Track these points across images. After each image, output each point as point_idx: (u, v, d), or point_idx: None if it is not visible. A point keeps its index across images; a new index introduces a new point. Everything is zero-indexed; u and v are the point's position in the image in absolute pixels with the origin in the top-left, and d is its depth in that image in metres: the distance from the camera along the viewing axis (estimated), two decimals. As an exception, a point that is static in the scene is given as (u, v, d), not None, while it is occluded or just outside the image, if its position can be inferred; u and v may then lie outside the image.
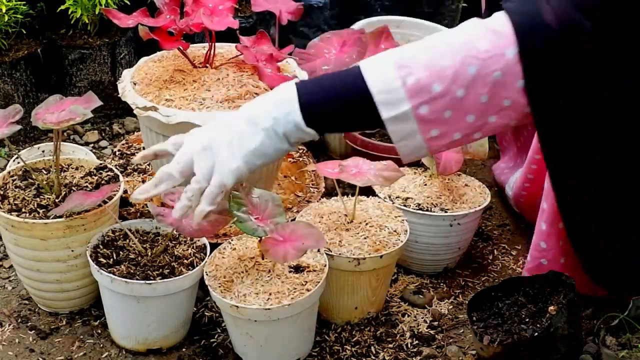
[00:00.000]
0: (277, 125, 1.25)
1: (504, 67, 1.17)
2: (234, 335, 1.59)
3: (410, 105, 1.20)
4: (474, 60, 1.18)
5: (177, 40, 1.77)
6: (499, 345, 1.49)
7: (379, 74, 1.22)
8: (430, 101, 1.20)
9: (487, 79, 1.18)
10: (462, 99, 1.19)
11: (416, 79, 1.19)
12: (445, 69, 1.18)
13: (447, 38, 1.23)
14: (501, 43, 1.17)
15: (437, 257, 1.83)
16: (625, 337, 1.42)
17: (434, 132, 1.23)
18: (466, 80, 1.18)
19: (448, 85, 1.19)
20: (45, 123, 1.56)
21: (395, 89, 1.20)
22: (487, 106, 1.20)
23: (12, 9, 2.23)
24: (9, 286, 1.81)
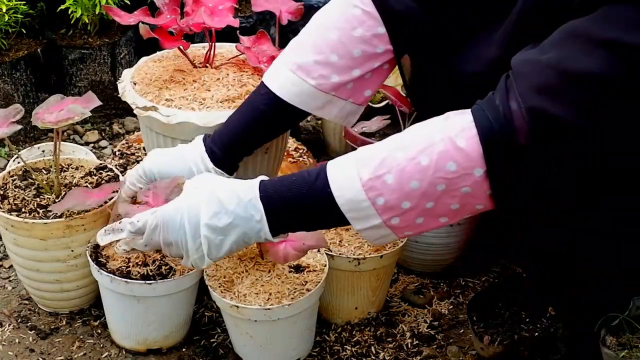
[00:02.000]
0: (247, 238, 1.30)
1: (472, 184, 1.18)
2: (234, 336, 1.59)
3: (381, 219, 1.23)
4: (442, 180, 1.19)
5: (177, 40, 1.77)
6: (499, 345, 1.49)
7: (348, 195, 1.23)
8: (400, 215, 1.23)
9: (455, 193, 1.20)
10: (433, 209, 1.22)
11: (385, 200, 1.22)
12: (413, 190, 1.20)
13: (414, 156, 1.21)
14: (469, 165, 1.17)
15: (437, 257, 1.83)
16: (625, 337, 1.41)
17: (407, 232, 1.27)
18: (435, 195, 1.20)
19: (417, 202, 1.21)
20: (44, 122, 1.56)
21: (366, 208, 1.23)
22: (459, 211, 1.23)
23: (12, 9, 2.23)
24: (9, 286, 1.81)
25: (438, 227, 1.27)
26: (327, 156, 2.17)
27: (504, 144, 1.14)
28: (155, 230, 1.32)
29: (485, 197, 1.19)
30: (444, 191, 1.19)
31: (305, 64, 1.45)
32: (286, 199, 1.28)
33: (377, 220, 1.23)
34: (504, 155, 1.15)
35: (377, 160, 1.23)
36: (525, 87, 1.12)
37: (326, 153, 2.21)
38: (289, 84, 1.47)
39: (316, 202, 1.26)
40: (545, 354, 1.48)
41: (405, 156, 1.21)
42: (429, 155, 1.19)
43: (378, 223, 1.23)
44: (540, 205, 1.20)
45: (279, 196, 1.28)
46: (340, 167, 1.26)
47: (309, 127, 2.40)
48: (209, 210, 1.29)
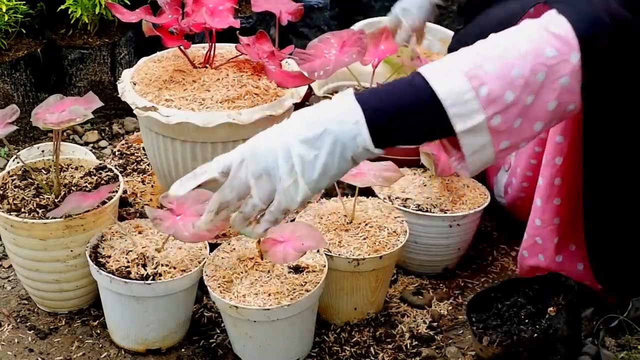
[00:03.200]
0: (344, 149, 1.19)
1: (570, 72, 1.20)
2: (233, 336, 1.59)
3: (485, 115, 1.19)
4: (542, 67, 1.19)
5: (179, 39, 1.77)
6: (498, 346, 1.49)
7: (450, 85, 1.19)
8: (503, 110, 1.20)
9: (554, 85, 1.20)
10: (531, 106, 1.21)
11: (490, 89, 1.19)
12: (516, 78, 1.19)
13: (513, 45, 1.21)
14: (566, 49, 1.19)
15: (436, 257, 1.83)
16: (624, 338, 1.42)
17: (504, 144, 1.23)
18: (536, 87, 1.20)
19: (520, 93, 1.20)
20: (46, 123, 1.56)
21: (470, 100, 1.18)
22: (555, 112, 1.22)
23: (12, 9, 2.23)
24: (8, 286, 1.81)
25: (528, 140, 1.24)
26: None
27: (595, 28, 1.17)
28: (242, 165, 1.20)
29: (578, 92, 1.20)
30: (544, 82, 1.20)
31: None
32: (383, 98, 1.19)
33: (481, 117, 1.19)
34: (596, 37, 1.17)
35: (473, 54, 1.21)
36: None
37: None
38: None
39: (416, 100, 1.19)
40: (544, 355, 1.48)
41: (503, 46, 1.21)
42: (526, 42, 1.20)
43: (482, 120, 1.19)
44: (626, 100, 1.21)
45: (376, 97, 1.19)
46: (436, 65, 1.21)
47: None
48: (300, 124, 1.18)
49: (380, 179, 1.64)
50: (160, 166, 1.77)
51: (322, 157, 1.18)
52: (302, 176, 1.18)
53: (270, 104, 1.70)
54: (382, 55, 2.00)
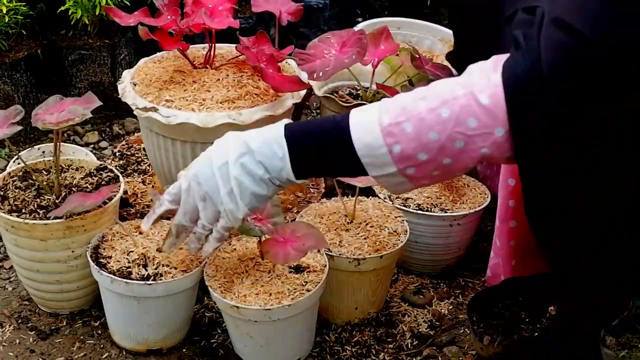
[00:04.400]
0: (272, 178, 1.30)
1: (491, 145, 1.17)
2: (234, 336, 1.59)
3: (396, 168, 1.23)
4: (461, 136, 1.18)
5: (177, 41, 1.77)
6: (499, 346, 1.49)
7: (366, 139, 1.23)
8: (416, 166, 1.22)
9: (474, 154, 1.19)
10: (450, 165, 1.21)
11: (402, 149, 1.21)
12: (431, 142, 1.19)
13: (438, 106, 1.19)
14: (490, 122, 1.16)
15: (437, 257, 1.83)
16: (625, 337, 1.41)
17: (424, 182, 1.27)
18: (452, 152, 1.20)
19: (434, 155, 1.20)
20: (45, 124, 1.57)
21: (382, 155, 1.22)
22: (473, 166, 1.23)
23: (12, 10, 2.24)
24: (9, 287, 1.81)
25: (454, 177, 1.27)
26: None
27: (529, 88, 1.12)
28: (190, 190, 1.34)
29: (502, 158, 1.19)
30: (462, 149, 1.18)
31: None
32: (309, 136, 1.28)
33: (392, 169, 1.22)
34: (529, 105, 1.13)
35: (398, 108, 1.22)
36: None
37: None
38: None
39: (337, 143, 1.25)
40: (545, 354, 1.48)
41: (426, 106, 1.20)
42: (450, 107, 1.18)
43: (393, 171, 1.22)
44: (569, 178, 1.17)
45: (303, 134, 1.28)
46: (363, 111, 1.25)
47: (308, 128, 2.40)
48: (236, 151, 1.30)
49: (380, 178, 1.64)
50: (161, 167, 1.77)
51: (257, 182, 1.30)
52: (241, 197, 1.31)
53: (270, 104, 1.70)
54: (382, 55, 2.00)
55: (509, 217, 1.56)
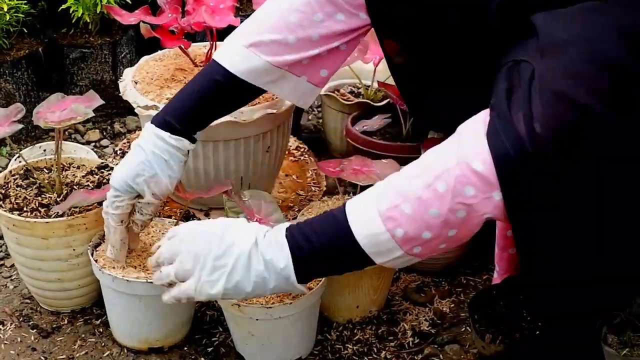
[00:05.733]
0: (274, 289, 1.28)
1: (493, 209, 1.15)
2: (236, 334, 1.59)
3: (402, 251, 1.22)
4: (462, 207, 1.16)
5: (178, 39, 1.77)
6: (500, 344, 1.49)
7: (368, 229, 1.21)
8: (422, 244, 1.21)
9: (477, 220, 1.18)
10: (455, 235, 1.20)
11: (405, 232, 1.19)
12: (433, 219, 1.18)
13: (433, 181, 1.18)
14: (487, 188, 1.14)
15: (438, 255, 1.82)
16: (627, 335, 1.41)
17: (432, 254, 1.26)
18: (456, 224, 1.18)
19: (438, 231, 1.19)
20: (47, 122, 1.57)
21: (385, 242, 1.21)
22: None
23: (14, 8, 2.23)
24: (10, 285, 1.81)
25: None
26: (329, 155, 2.17)
27: (521, 164, 1.10)
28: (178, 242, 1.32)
29: (506, 218, 1.16)
30: (465, 218, 1.17)
31: (260, 42, 1.43)
32: (308, 237, 1.25)
33: (399, 252, 1.21)
34: (521, 177, 1.11)
35: (393, 191, 1.20)
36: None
37: (327, 152, 2.21)
38: (240, 60, 1.44)
39: (339, 244, 1.24)
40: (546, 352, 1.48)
41: (421, 184, 1.18)
42: (445, 180, 1.16)
43: (400, 254, 1.22)
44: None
45: (305, 238, 1.26)
46: (359, 203, 1.24)
47: (310, 126, 2.40)
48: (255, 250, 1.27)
49: (381, 177, 1.64)
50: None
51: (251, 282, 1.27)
52: (226, 284, 1.27)
53: (271, 102, 1.70)
54: (384, 53, 2.00)
55: (508, 245, 1.56)
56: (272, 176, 1.86)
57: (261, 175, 1.78)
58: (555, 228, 1.16)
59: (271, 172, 1.83)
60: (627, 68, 1.08)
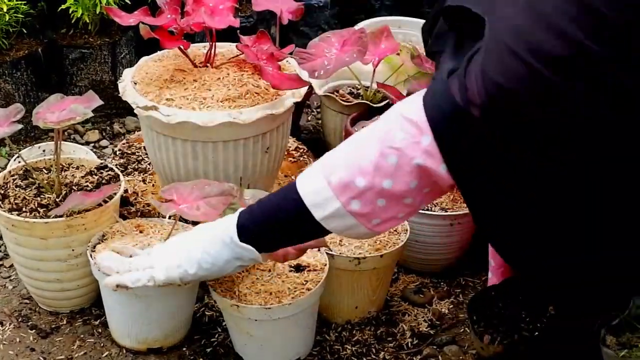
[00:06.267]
0: (214, 241, 1.34)
1: (423, 154, 1.17)
2: (235, 335, 1.59)
3: (340, 203, 1.21)
4: (391, 151, 1.18)
5: (178, 40, 1.77)
6: (499, 345, 1.49)
7: (309, 180, 1.24)
8: (358, 196, 1.20)
9: (409, 168, 1.18)
10: (391, 189, 1.20)
11: (339, 177, 1.21)
12: (364, 163, 1.19)
13: (366, 133, 1.24)
14: (416, 132, 1.16)
15: (437, 256, 1.83)
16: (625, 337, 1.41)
17: (375, 221, 1.24)
18: (389, 171, 1.19)
19: (371, 178, 1.19)
20: (46, 122, 1.57)
21: (322, 190, 1.22)
22: (419, 188, 1.21)
23: (13, 9, 2.24)
24: (9, 285, 1.81)
25: (406, 211, 1.23)
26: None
27: (453, 117, 1.13)
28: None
29: (439, 172, 1.17)
30: (397, 165, 1.18)
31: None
32: (259, 203, 1.32)
33: (337, 204, 1.21)
34: (448, 121, 1.14)
35: (336, 149, 1.26)
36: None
37: (326, 153, 2.21)
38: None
39: (282, 197, 1.28)
40: (545, 353, 1.48)
41: (358, 134, 1.24)
42: (378, 127, 1.21)
43: (338, 207, 1.21)
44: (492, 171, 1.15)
45: (254, 204, 1.32)
46: (308, 168, 1.29)
47: (309, 127, 2.40)
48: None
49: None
50: (161, 165, 1.77)
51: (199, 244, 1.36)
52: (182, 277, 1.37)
53: (270, 103, 1.70)
54: (383, 54, 2.00)
55: None
56: (272, 177, 1.86)
57: (260, 175, 1.78)
58: (496, 197, 1.17)
59: (270, 172, 1.83)
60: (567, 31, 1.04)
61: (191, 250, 1.36)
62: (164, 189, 1.54)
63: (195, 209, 1.50)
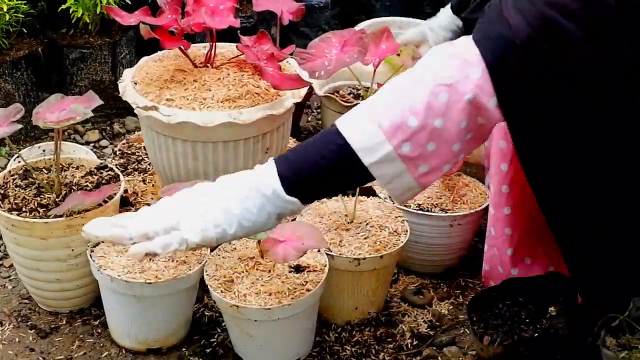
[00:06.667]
0: (254, 195, 1.23)
1: (474, 88, 1.18)
2: (234, 335, 1.59)
3: (391, 146, 1.20)
4: (442, 88, 1.18)
5: (178, 40, 1.77)
6: (498, 346, 1.49)
7: (355, 125, 1.21)
8: (410, 137, 1.19)
9: (460, 104, 1.18)
10: (442, 129, 1.19)
11: (390, 119, 1.19)
12: (416, 103, 1.19)
13: (411, 75, 1.23)
14: (465, 66, 1.18)
15: (437, 257, 1.83)
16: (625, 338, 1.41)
17: (422, 169, 1.23)
18: (440, 110, 1.18)
19: (424, 118, 1.18)
20: (46, 122, 1.56)
21: (373, 133, 1.20)
22: (466, 130, 1.21)
23: (13, 8, 2.24)
24: (9, 285, 1.81)
25: (452, 161, 1.22)
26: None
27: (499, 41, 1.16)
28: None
29: (488, 107, 1.18)
30: (449, 103, 1.18)
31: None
32: (296, 149, 1.24)
33: (388, 147, 1.19)
34: (500, 51, 1.17)
35: (379, 92, 1.24)
36: None
37: (327, 153, 2.20)
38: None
39: (326, 142, 1.23)
40: (545, 354, 1.48)
41: (404, 75, 1.23)
42: (425, 66, 1.21)
43: (389, 150, 1.19)
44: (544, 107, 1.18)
45: (290, 151, 1.25)
46: (346, 114, 1.25)
47: (309, 127, 2.40)
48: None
49: (381, 178, 1.64)
50: (161, 165, 1.77)
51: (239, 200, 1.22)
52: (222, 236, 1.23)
53: (271, 103, 1.70)
54: (383, 55, 2.00)
55: (502, 203, 1.56)
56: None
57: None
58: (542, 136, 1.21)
59: (270, 173, 1.83)
60: None
61: (229, 208, 1.22)
62: (164, 189, 1.54)
63: None
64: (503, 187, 1.54)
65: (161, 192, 1.53)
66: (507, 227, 1.58)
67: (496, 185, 1.56)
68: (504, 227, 1.59)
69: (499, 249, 1.62)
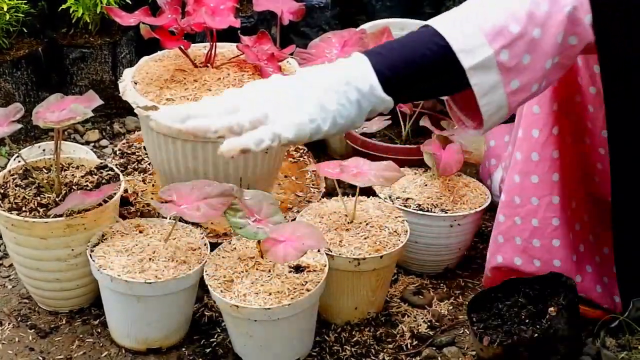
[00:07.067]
0: (350, 90, 1.16)
1: (573, 1, 1.20)
2: (234, 335, 1.59)
3: (492, 50, 1.18)
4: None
5: (178, 40, 1.77)
6: (498, 346, 1.49)
7: (454, 26, 1.20)
8: (509, 44, 1.19)
9: (559, 15, 1.20)
10: (539, 40, 1.20)
11: (493, 23, 1.19)
12: (518, 10, 1.19)
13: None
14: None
15: (437, 257, 1.83)
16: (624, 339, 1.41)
17: (514, 84, 1.21)
18: (540, 19, 1.20)
19: (525, 25, 1.19)
20: (46, 122, 1.56)
21: (474, 35, 1.18)
22: (562, 46, 1.22)
23: (14, 8, 2.24)
24: (9, 285, 1.81)
25: (539, 83, 1.22)
26: (328, 156, 2.17)
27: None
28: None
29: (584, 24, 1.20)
30: (549, 12, 1.19)
31: None
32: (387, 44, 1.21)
33: (488, 51, 1.18)
34: None
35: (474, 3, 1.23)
36: None
37: (327, 153, 2.21)
38: None
39: (422, 40, 1.19)
40: (544, 355, 1.48)
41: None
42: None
43: (489, 55, 1.18)
44: None
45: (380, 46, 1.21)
46: (439, 17, 1.22)
47: (309, 127, 2.39)
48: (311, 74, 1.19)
49: (381, 178, 1.64)
50: (161, 165, 1.77)
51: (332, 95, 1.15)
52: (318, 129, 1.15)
53: (271, 103, 1.69)
54: (383, 55, 2.00)
55: (531, 170, 1.56)
56: (271, 177, 1.86)
57: (260, 176, 1.78)
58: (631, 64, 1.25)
59: (270, 173, 1.83)
60: None
61: (324, 103, 1.15)
62: (164, 190, 1.54)
63: (195, 210, 1.50)
64: (533, 154, 1.54)
65: (161, 192, 1.54)
66: (533, 197, 1.57)
67: (527, 154, 1.55)
68: (529, 196, 1.58)
69: (524, 218, 1.59)
